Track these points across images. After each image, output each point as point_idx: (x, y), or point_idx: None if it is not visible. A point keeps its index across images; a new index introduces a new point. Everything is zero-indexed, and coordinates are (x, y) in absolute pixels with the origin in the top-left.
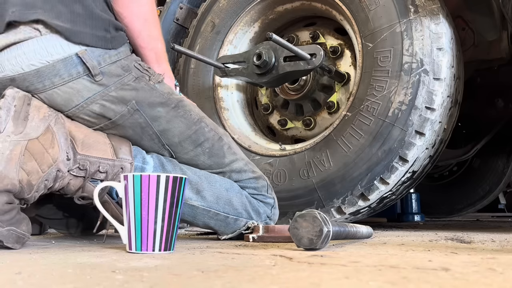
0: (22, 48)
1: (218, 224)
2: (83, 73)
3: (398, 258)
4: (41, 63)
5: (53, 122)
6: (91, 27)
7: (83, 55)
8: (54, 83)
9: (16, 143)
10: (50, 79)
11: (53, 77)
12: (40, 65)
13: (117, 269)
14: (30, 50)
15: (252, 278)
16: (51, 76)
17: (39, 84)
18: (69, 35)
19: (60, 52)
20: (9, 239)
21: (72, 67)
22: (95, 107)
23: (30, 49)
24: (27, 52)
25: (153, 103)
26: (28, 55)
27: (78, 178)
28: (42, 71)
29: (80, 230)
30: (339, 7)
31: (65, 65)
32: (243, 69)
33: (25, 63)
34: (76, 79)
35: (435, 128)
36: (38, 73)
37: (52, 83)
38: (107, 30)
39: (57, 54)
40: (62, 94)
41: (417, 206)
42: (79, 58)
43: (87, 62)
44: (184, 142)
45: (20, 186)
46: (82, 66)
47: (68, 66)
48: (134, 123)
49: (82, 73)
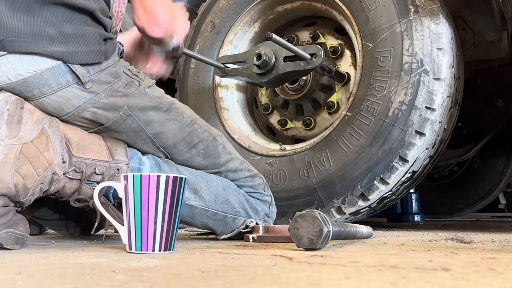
0: (8, 58)
1: (216, 224)
2: (72, 81)
3: (398, 258)
4: (28, 73)
5: (47, 125)
6: (85, 45)
7: (72, 64)
8: (43, 92)
9: (10, 147)
10: (38, 89)
11: (42, 87)
12: (27, 75)
13: (117, 269)
14: (16, 59)
15: (252, 278)
16: (39, 86)
17: (28, 93)
18: (67, 58)
19: (48, 61)
20: (8, 241)
21: (60, 75)
22: (86, 114)
23: (16, 57)
24: (13, 61)
25: (145, 107)
26: (14, 64)
27: (74, 180)
28: (29, 81)
29: (79, 230)
30: (339, 7)
31: (53, 74)
32: (243, 69)
33: (11, 73)
34: (65, 88)
35: (435, 128)
36: (26, 83)
37: (41, 92)
38: (99, 43)
39: (44, 64)
40: (52, 103)
41: (417, 206)
42: (68, 66)
43: (76, 70)
44: (178, 144)
45: (16, 190)
46: (71, 74)
47: (56, 75)
48: (127, 128)
49: (72, 82)
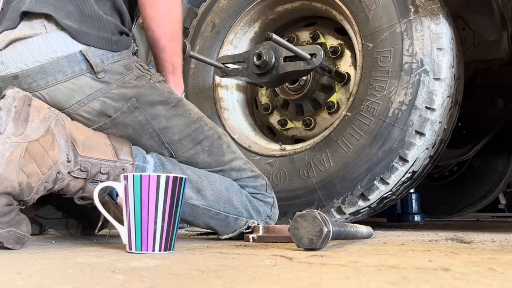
0: (27, 46)
1: (218, 223)
2: (86, 70)
3: (398, 258)
4: (46, 60)
5: (53, 123)
6: (98, 29)
7: (86, 53)
8: (57, 79)
9: (16, 145)
10: (53, 75)
11: (57, 74)
12: (44, 61)
13: (117, 269)
14: (35, 47)
15: (252, 278)
16: (55, 73)
17: (42, 80)
18: (76, 34)
19: (65, 49)
20: (9, 240)
21: (75, 64)
22: (96, 103)
23: (35, 46)
24: (32, 49)
25: (153, 101)
26: (33, 52)
27: (79, 179)
28: (46, 67)
29: (80, 230)
30: (339, 7)
31: (69, 62)
32: (243, 69)
33: (30, 60)
34: (79, 76)
35: (435, 128)
36: (42, 69)
37: (56, 79)
38: (113, 33)
39: (61, 51)
40: (64, 90)
41: (417, 206)
42: (83, 55)
43: (90, 59)
44: (183, 140)
45: (20, 189)
46: (86, 63)
47: (71, 63)
48: (134, 121)
49: (85, 70)
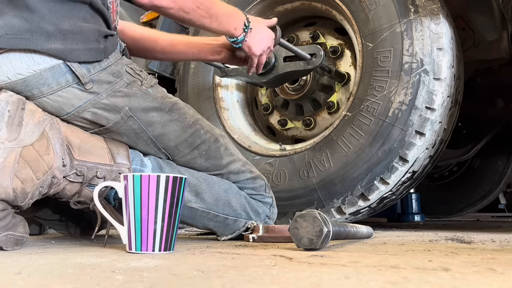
0: (8, 57)
1: (217, 225)
2: (72, 81)
3: (398, 258)
4: (28, 72)
5: (48, 127)
6: (83, 42)
7: (71, 64)
8: (42, 92)
9: (10, 150)
10: (38, 88)
11: (41, 86)
12: (27, 74)
13: (117, 269)
14: (16, 58)
15: (252, 278)
16: (39, 85)
17: (28, 92)
18: (64, 56)
19: (47, 61)
20: (8, 243)
21: (60, 75)
22: (87, 115)
23: (16, 57)
24: (13, 60)
25: (147, 108)
26: (14, 64)
27: (74, 183)
28: (29, 80)
29: (80, 230)
30: (339, 7)
31: (53, 74)
32: (243, 69)
33: (11, 73)
34: (65, 88)
35: (435, 128)
36: (25, 83)
37: (41, 92)
38: (98, 40)
39: (44, 63)
40: (52, 103)
41: (417, 206)
42: (67, 66)
43: (76, 70)
44: (180, 146)
45: (14, 195)
46: (71, 74)
47: (56, 74)
48: (128, 130)
49: (71, 82)
